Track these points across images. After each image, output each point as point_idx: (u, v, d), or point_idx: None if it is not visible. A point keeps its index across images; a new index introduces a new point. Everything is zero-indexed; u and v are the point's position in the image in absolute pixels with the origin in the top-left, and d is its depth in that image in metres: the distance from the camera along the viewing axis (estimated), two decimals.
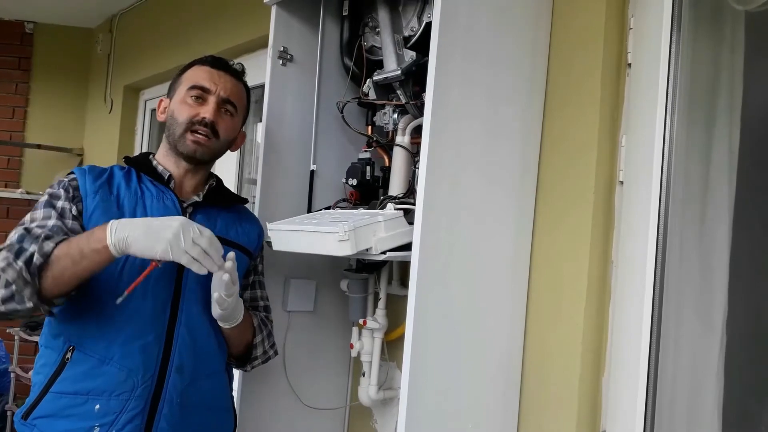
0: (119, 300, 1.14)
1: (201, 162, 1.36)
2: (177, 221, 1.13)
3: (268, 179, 1.61)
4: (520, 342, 1.40)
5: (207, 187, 1.40)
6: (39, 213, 1.22)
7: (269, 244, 1.47)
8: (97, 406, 1.18)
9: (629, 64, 1.35)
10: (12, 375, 3.29)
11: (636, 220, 1.30)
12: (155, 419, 1.22)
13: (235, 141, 1.44)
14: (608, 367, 1.33)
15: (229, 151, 1.44)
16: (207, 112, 1.32)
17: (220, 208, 1.40)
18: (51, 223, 1.19)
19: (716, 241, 1.27)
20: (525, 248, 1.41)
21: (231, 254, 1.21)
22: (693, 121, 1.30)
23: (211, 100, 1.33)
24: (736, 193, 1.27)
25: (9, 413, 3.25)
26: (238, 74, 1.41)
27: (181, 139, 1.32)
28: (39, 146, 3.83)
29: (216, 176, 1.46)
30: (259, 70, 1.70)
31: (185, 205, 1.34)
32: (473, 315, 1.30)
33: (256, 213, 1.55)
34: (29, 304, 1.11)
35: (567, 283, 1.34)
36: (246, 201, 1.50)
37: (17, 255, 1.10)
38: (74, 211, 1.23)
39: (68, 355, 1.21)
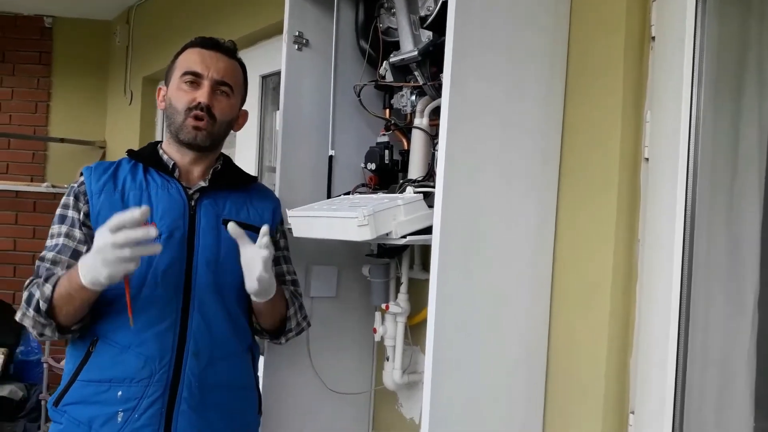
0: (132, 323, 1.19)
1: (203, 148, 1.35)
2: (100, 240, 1.11)
3: (286, 166, 1.61)
4: (546, 321, 1.39)
5: (212, 171, 1.39)
6: (55, 228, 1.30)
7: (290, 231, 1.47)
8: (120, 393, 1.23)
9: (653, 38, 1.31)
10: (45, 365, 3.36)
11: (663, 198, 1.27)
12: (176, 402, 1.26)
13: (237, 121, 1.43)
14: (636, 348, 1.31)
15: (234, 132, 1.43)
16: (202, 95, 1.32)
17: (230, 190, 1.40)
18: (61, 242, 1.28)
19: (746, 218, 1.24)
20: (549, 228, 1.39)
21: (264, 228, 1.23)
22: (720, 94, 1.26)
23: (205, 84, 1.32)
24: (766, 168, 1.23)
25: (43, 402, 3.33)
26: (231, 52, 1.39)
27: (183, 127, 1.33)
28: (62, 140, 3.87)
29: (225, 157, 1.45)
30: (275, 56, 1.69)
31: (191, 191, 1.34)
32: (497, 297, 1.29)
33: None
34: (56, 336, 1.24)
35: (592, 263, 1.32)
36: (255, 179, 1.49)
37: (28, 303, 1.21)
38: (82, 217, 1.29)
39: (93, 345, 1.26)
